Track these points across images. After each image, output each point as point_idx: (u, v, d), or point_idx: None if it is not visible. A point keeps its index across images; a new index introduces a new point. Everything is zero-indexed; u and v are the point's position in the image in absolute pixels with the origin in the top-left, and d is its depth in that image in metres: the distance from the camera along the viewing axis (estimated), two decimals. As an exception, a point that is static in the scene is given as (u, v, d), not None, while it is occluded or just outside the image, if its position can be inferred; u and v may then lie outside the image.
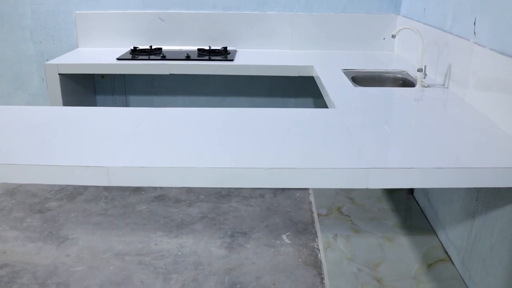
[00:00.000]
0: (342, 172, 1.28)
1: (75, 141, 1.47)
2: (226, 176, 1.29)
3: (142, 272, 1.91)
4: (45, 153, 1.37)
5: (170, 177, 1.30)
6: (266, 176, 1.29)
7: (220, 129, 1.56)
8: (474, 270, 1.72)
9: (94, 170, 1.30)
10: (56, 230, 2.20)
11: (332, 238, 2.06)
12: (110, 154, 1.37)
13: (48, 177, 1.32)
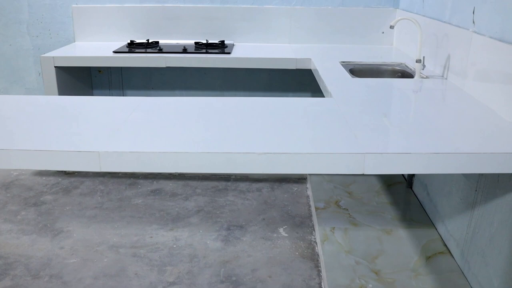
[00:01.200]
0: (338, 157, 1.26)
1: (68, 127, 1.44)
2: (219, 161, 1.27)
3: (137, 264, 1.89)
4: (36, 139, 1.35)
5: (163, 162, 1.27)
6: (260, 161, 1.26)
7: (215, 116, 1.54)
8: (473, 261, 1.69)
9: (85, 155, 1.27)
10: (51, 223, 2.18)
11: (330, 231, 2.04)
12: (101, 140, 1.35)
13: (38, 162, 1.29)
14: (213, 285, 1.77)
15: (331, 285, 1.69)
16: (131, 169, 1.29)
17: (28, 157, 1.28)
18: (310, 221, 2.20)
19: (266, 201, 2.39)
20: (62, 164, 1.29)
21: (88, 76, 2.99)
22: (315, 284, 1.78)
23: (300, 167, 1.26)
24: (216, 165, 1.27)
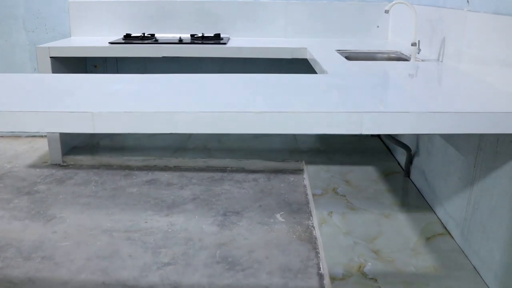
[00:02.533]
0: (336, 116, 1.24)
1: (63, 93, 1.43)
2: (215, 120, 1.25)
3: (131, 247, 1.85)
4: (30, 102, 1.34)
5: (158, 122, 1.25)
6: (257, 120, 1.24)
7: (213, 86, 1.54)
8: (474, 239, 1.66)
9: (79, 116, 1.25)
10: (44, 210, 2.14)
11: (327, 215, 2.01)
12: (96, 102, 1.34)
13: (31, 124, 1.27)
14: (209, 265, 1.73)
15: (330, 264, 1.66)
16: (125, 130, 1.27)
17: (19, 119, 1.26)
18: (307, 207, 2.17)
19: (263, 190, 2.36)
20: (55, 125, 1.27)
21: (83, 71, 2.98)
22: (313, 264, 1.74)
23: (298, 127, 1.25)
24: (211, 125, 1.25)
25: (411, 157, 2.34)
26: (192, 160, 2.62)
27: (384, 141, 2.92)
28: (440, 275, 1.60)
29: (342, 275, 1.60)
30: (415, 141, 2.31)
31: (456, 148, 1.85)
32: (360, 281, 1.58)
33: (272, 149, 2.80)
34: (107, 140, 2.95)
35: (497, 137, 1.54)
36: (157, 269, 1.71)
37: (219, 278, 1.66)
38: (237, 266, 1.72)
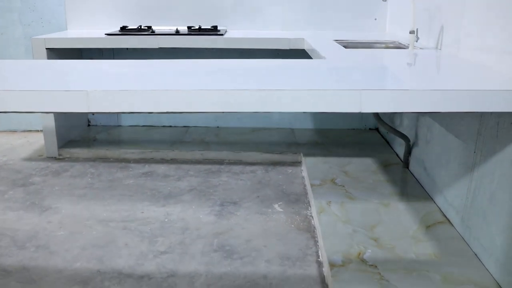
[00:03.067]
0: (334, 94, 1.22)
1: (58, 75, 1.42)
2: (213, 99, 1.23)
3: (127, 236, 1.82)
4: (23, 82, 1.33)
5: (155, 101, 1.23)
6: (256, 99, 1.22)
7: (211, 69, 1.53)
8: (474, 225, 1.64)
9: (74, 95, 1.23)
10: (39, 200, 2.11)
11: (326, 204, 1.98)
12: (91, 81, 1.32)
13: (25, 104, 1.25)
14: (206, 254, 1.70)
15: (328, 252, 1.63)
16: (121, 109, 1.25)
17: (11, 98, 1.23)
18: (305, 198, 2.15)
19: (260, 181, 2.34)
20: (49, 105, 1.24)
21: (80, 66, 2.96)
22: (312, 252, 1.72)
23: (296, 105, 1.22)
24: (209, 104, 1.23)
25: (409, 147, 2.32)
26: (190, 153, 2.60)
27: (383, 135, 2.90)
28: (440, 262, 1.58)
29: (341, 262, 1.58)
30: (413, 131, 2.30)
31: (456, 134, 1.83)
32: (359, 267, 1.55)
33: (270, 142, 2.77)
34: (104, 134, 2.92)
35: (497, 121, 1.52)
36: (154, 258, 1.68)
37: (216, 266, 1.63)
38: (235, 255, 1.70)
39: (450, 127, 1.88)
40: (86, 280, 1.55)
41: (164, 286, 1.52)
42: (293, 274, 1.59)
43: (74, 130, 2.88)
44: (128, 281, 1.55)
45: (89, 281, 1.55)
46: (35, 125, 3.12)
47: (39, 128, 3.09)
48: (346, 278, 1.49)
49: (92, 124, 3.09)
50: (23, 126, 3.13)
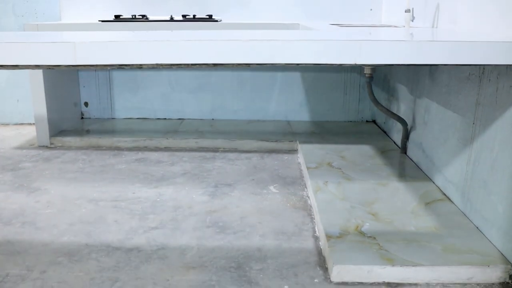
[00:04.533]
0: (330, 45, 1.18)
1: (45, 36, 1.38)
2: (203, 49, 1.19)
3: (117, 214, 1.76)
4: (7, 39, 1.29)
5: (145, 52, 1.19)
6: (246, 49, 1.18)
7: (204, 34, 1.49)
8: (475, 197, 1.59)
9: (60, 47, 1.19)
10: (28, 183, 2.06)
11: (323, 184, 1.93)
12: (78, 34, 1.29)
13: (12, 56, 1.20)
14: (198, 229, 1.65)
15: (325, 226, 1.58)
16: (109, 61, 1.21)
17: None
18: (301, 180, 2.10)
19: (256, 166, 2.29)
20: (35, 58, 1.20)
21: (74, 57, 2.92)
22: (308, 228, 1.66)
23: (289, 57, 1.19)
24: (199, 54, 1.19)
25: (407, 132, 2.28)
26: (184, 141, 2.55)
27: (380, 125, 2.87)
28: (441, 234, 1.52)
29: (338, 234, 1.52)
30: (411, 115, 2.26)
31: (454, 110, 1.79)
32: (357, 239, 1.50)
33: (266, 132, 2.73)
34: (97, 125, 2.88)
35: (496, 87, 1.49)
36: (144, 232, 1.62)
37: (209, 240, 1.57)
38: (228, 230, 1.64)
39: (448, 102, 1.85)
40: (73, 252, 1.49)
41: (154, 257, 1.46)
42: (289, 248, 1.53)
43: (67, 122, 2.83)
44: (117, 253, 1.49)
45: (76, 253, 1.49)
46: (28, 118, 3.07)
47: (32, 121, 3.05)
48: (344, 248, 1.44)
49: (86, 116, 3.05)
50: (16, 119, 3.09)
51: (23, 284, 1.32)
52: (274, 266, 1.42)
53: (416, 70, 2.21)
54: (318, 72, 2.94)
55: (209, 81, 2.98)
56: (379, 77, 2.84)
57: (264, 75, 2.95)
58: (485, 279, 1.35)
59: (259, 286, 1.32)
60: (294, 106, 2.99)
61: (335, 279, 1.35)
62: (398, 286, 1.32)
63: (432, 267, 1.35)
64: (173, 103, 3.01)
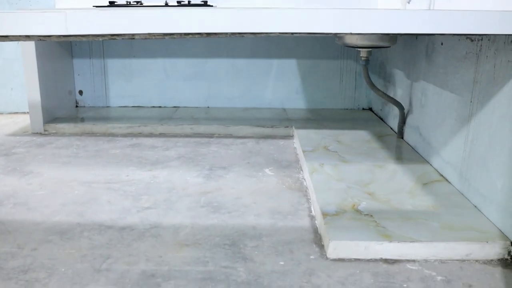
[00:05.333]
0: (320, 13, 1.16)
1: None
2: (196, 18, 1.16)
3: (110, 195, 1.74)
4: None
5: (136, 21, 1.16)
6: (240, 18, 1.16)
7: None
8: (473, 176, 1.57)
9: (51, 16, 1.16)
10: (21, 167, 2.03)
11: (319, 166, 1.91)
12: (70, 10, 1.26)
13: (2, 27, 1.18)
14: (192, 209, 1.62)
15: (321, 204, 1.56)
16: (101, 31, 1.18)
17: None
18: (297, 164, 2.08)
19: (251, 150, 2.26)
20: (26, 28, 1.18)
21: (68, 45, 2.90)
22: (304, 208, 1.64)
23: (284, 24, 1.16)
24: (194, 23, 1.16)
25: (404, 116, 2.26)
26: (179, 127, 2.53)
27: (376, 113, 2.85)
28: (439, 212, 1.50)
29: (335, 212, 1.50)
30: (407, 99, 2.24)
31: (451, 90, 1.77)
32: (354, 216, 1.48)
33: (261, 118, 2.71)
34: (92, 112, 2.85)
35: (494, 63, 1.47)
36: (137, 212, 1.60)
37: (203, 219, 1.55)
38: (223, 210, 1.62)
39: (445, 83, 1.83)
40: (65, 231, 1.46)
41: (146, 235, 1.44)
42: (284, 226, 1.51)
43: (61, 110, 2.80)
44: (109, 232, 1.46)
45: (67, 232, 1.46)
46: (22, 107, 3.04)
47: (26, 110, 3.01)
48: (340, 225, 1.42)
49: (80, 105, 3.02)
50: (10, 108, 3.06)
51: (13, 261, 1.29)
52: (269, 243, 1.40)
53: (412, 53, 2.19)
54: (314, 59, 2.92)
55: (204, 69, 2.95)
56: (375, 64, 2.82)
57: (259, 63, 2.93)
58: (483, 256, 1.33)
59: (254, 262, 1.29)
60: (290, 94, 2.97)
61: (331, 255, 1.33)
62: (395, 263, 1.30)
63: (430, 243, 1.32)
64: (168, 91, 2.99)
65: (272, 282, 1.20)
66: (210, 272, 1.25)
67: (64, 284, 1.18)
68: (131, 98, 3.00)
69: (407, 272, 1.26)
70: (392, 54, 2.52)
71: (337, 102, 2.98)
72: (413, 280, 1.22)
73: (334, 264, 1.29)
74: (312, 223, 1.53)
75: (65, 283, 1.19)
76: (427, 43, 2.03)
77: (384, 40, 2.00)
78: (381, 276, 1.24)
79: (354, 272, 1.25)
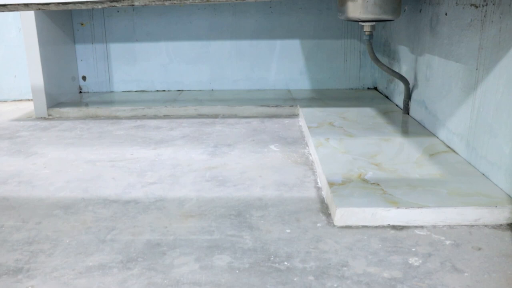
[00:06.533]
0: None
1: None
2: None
3: (115, 172, 1.73)
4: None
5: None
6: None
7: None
8: (480, 144, 1.55)
9: (47, -18, 1.15)
10: (25, 149, 2.03)
11: (324, 140, 1.89)
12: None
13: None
14: (197, 183, 1.61)
15: (327, 175, 1.54)
16: (98, -4, 1.17)
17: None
18: (302, 140, 2.06)
19: (256, 129, 2.25)
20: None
21: (70, 30, 2.89)
22: (310, 180, 1.62)
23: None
24: (192, -15, 1.15)
25: (409, 91, 2.23)
26: (183, 108, 2.52)
27: (381, 91, 2.82)
28: (447, 180, 1.48)
29: (341, 181, 1.48)
30: (412, 74, 2.21)
31: (456, 59, 1.75)
32: (361, 185, 1.46)
33: (266, 99, 2.69)
34: (95, 97, 2.84)
35: (499, 27, 1.44)
36: (142, 187, 1.59)
37: (208, 192, 1.54)
38: (228, 183, 1.61)
39: (450, 53, 1.80)
40: (69, 205, 1.46)
41: (151, 208, 1.43)
42: (290, 197, 1.49)
43: (65, 95, 2.80)
44: (114, 205, 1.45)
45: (72, 206, 1.45)
46: (26, 94, 3.04)
47: (30, 97, 3.02)
48: (347, 193, 1.40)
49: (84, 91, 3.01)
50: (14, 95, 3.06)
51: (18, 234, 1.29)
52: (275, 213, 1.38)
53: (416, 27, 2.16)
54: (317, 39, 2.90)
55: (208, 51, 2.93)
56: (379, 42, 2.79)
57: (263, 44, 2.90)
58: (492, 221, 1.31)
59: (260, 231, 1.28)
60: (294, 75, 2.94)
61: (339, 223, 1.31)
62: (403, 229, 1.29)
63: (438, 209, 1.31)
64: (172, 75, 2.97)
65: (279, 248, 1.19)
66: (216, 240, 1.24)
67: (68, 254, 1.18)
68: (135, 83, 2.99)
69: (415, 237, 1.24)
70: (396, 30, 2.49)
71: (342, 82, 2.96)
72: (422, 245, 1.20)
73: (341, 231, 1.28)
74: (318, 194, 1.51)
75: (69, 253, 1.18)
76: (431, 15, 2.00)
77: (387, 13, 1.97)
78: (389, 241, 1.22)
79: (362, 238, 1.24)
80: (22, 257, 1.17)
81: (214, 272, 1.09)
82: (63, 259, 1.16)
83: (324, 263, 1.12)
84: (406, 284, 1.03)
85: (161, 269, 1.10)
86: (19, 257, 1.17)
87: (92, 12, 2.87)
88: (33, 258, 1.16)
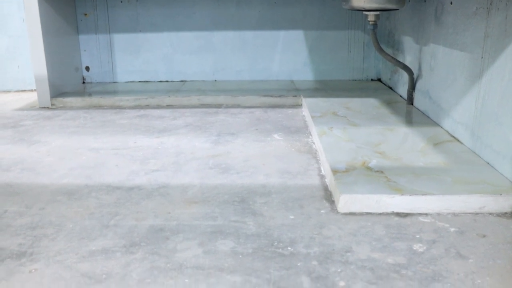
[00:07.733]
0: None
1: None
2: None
3: (118, 159, 1.73)
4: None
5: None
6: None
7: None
8: (485, 132, 1.54)
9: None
10: (28, 137, 2.02)
11: (328, 129, 1.88)
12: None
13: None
14: (200, 171, 1.61)
15: (331, 163, 1.53)
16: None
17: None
18: (306, 130, 2.05)
19: (259, 118, 2.24)
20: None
21: (73, 21, 2.88)
22: (314, 168, 1.62)
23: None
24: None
25: (413, 81, 2.22)
26: (186, 98, 2.51)
27: (385, 83, 2.81)
28: (451, 169, 1.48)
29: (345, 169, 1.48)
30: (417, 64, 2.20)
31: (461, 48, 1.73)
32: (365, 173, 1.45)
33: (269, 89, 2.68)
34: (99, 87, 2.84)
35: (506, 14, 1.43)
36: (145, 174, 1.58)
37: (211, 179, 1.53)
38: (232, 171, 1.60)
39: (455, 42, 1.79)
40: (72, 192, 1.46)
41: (155, 194, 1.43)
42: (294, 184, 1.49)
43: (68, 86, 2.79)
44: (117, 192, 1.45)
45: (75, 192, 1.45)
46: (29, 84, 3.04)
47: (33, 87, 3.01)
48: (351, 181, 1.39)
49: (87, 81, 3.01)
50: (17, 86, 3.05)
51: (21, 219, 1.29)
52: (278, 199, 1.38)
53: (421, 17, 2.15)
54: (321, 30, 2.88)
55: (211, 42, 2.92)
56: (383, 33, 2.78)
57: (266, 34, 2.89)
58: (497, 209, 1.31)
59: (264, 217, 1.28)
60: (297, 66, 2.93)
61: (342, 209, 1.31)
62: (407, 216, 1.28)
63: (443, 196, 1.30)
64: (175, 65, 2.96)
65: (282, 234, 1.19)
66: (219, 226, 1.23)
67: (71, 239, 1.18)
68: (138, 73, 2.99)
69: (419, 224, 1.24)
70: (400, 21, 2.48)
71: (345, 73, 2.94)
72: (426, 232, 1.19)
73: (345, 218, 1.27)
74: (322, 181, 1.51)
75: (72, 238, 1.18)
76: (436, 4, 1.99)
77: (392, 2, 1.95)
78: (393, 228, 1.22)
79: (366, 224, 1.23)
80: (26, 242, 1.17)
81: (217, 257, 1.08)
82: (66, 243, 1.16)
83: (328, 249, 1.11)
84: (411, 269, 1.03)
85: (164, 254, 1.10)
86: (23, 242, 1.17)
87: (96, 2, 2.86)
88: (36, 242, 1.16)
